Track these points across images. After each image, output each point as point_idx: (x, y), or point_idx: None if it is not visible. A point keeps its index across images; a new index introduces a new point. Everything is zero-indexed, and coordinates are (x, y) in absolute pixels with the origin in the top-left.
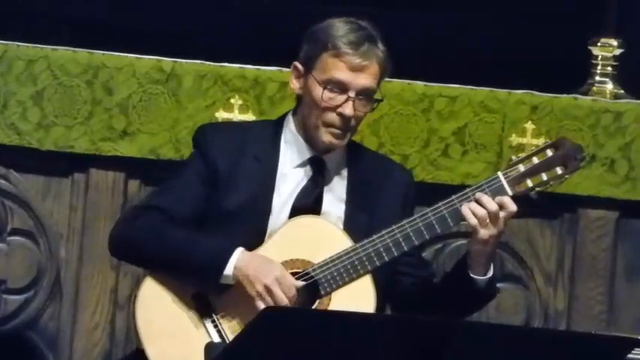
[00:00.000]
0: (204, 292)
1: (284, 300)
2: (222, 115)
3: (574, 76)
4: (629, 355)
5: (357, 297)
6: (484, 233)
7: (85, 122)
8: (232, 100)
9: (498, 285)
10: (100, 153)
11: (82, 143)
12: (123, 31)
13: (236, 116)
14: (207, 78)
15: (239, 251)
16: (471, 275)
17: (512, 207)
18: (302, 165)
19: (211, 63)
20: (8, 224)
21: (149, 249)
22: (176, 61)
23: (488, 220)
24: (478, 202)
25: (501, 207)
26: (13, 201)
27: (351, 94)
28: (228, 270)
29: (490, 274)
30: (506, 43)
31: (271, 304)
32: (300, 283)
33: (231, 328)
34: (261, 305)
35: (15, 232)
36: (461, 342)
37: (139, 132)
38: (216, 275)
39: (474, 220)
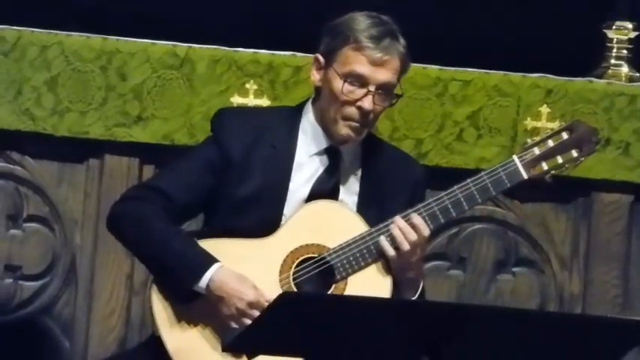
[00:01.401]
0: None
1: None
2: (237, 100)
3: (589, 59)
4: None
5: (373, 281)
6: (403, 261)
7: (99, 108)
8: (247, 85)
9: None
10: (115, 139)
11: (96, 129)
12: (136, 17)
13: (251, 101)
14: (221, 63)
15: (216, 266)
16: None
17: (426, 231)
18: (318, 154)
19: (225, 48)
20: (24, 211)
21: (134, 236)
22: (190, 46)
23: (408, 251)
24: (409, 227)
25: (417, 232)
26: (28, 187)
27: (371, 88)
28: (203, 283)
29: (417, 295)
30: (520, 26)
31: (244, 325)
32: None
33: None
34: (234, 326)
35: (30, 218)
36: (476, 326)
37: (153, 117)
38: (188, 285)
39: (392, 252)
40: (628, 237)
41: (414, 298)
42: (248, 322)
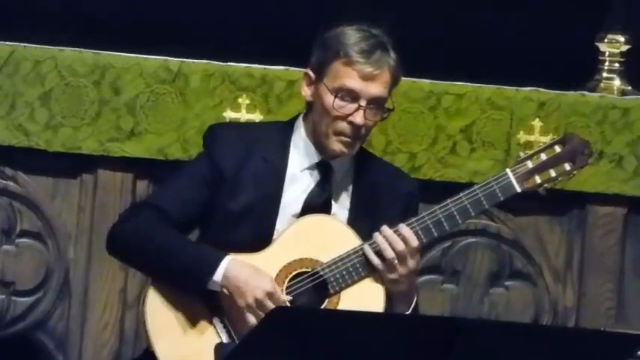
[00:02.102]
0: (214, 292)
1: None
2: (229, 114)
3: (581, 72)
4: (639, 352)
5: (367, 296)
6: (391, 272)
7: (92, 123)
8: (240, 100)
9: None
10: (108, 154)
11: (89, 144)
12: (129, 31)
13: (244, 115)
14: (214, 77)
15: (228, 259)
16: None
17: (414, 242)
18: (310, 168)
19: (218, 62)
20: (17, 226)
21: (139, 250)
22: (183, 61)
23: (396, 262)
24: (396, 238)
25: (405, 243)
26: (21, 202)
27: (362, 102)
28: (217, 276)
29: (410, 309)
30: (513, 39)
31: (260, 318)
32: (288, 297)
33: (240, 328)
34: (250, 318)
35: (24, 233)
36: (470, 340)
37: (147, 132)
38: (204, 281)
39: (376, 261)
40: (622, 249)
41: (407, 313)
42: (262, 314)
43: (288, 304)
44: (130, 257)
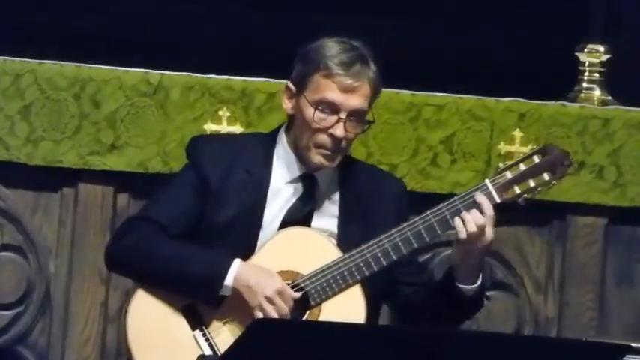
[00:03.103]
0: (195, 305)
1: (285, 312)
2: (210, 127)
3: (561, 82)
4: None
5: (348, 307)
6: (473, 245)
7: (72, 136)
8: (220, 112)
9: (488, 293)
10: (89, 167)
11: (70, 158)
12: (109, 44)
13: (224, 128)
14: (194, 90)
15: (238, 262)
16: (459, 285)
17: (490, 211)
18: (293, 182)
19: (198, 75)
20: None
21: (144, 262)
22: (163, 73)
23: (478, 232)
24: (476, 209)
25: (481, 212)
26: (2, 216)
27: (342, 115)
28: (229, 280)
29: (479, 282)
30: (492, 50)
31: (273, 315)
32: (297, 294)
33: (222, 341)
34: (261, 316)
35: (4, 247)
36: (451, 351)
37: (127, 145)
38: (217, 286)
39: (463, 234)
40: (603, 260)
41: (475, 285)
42: (274, 311)
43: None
44: (134, 271)
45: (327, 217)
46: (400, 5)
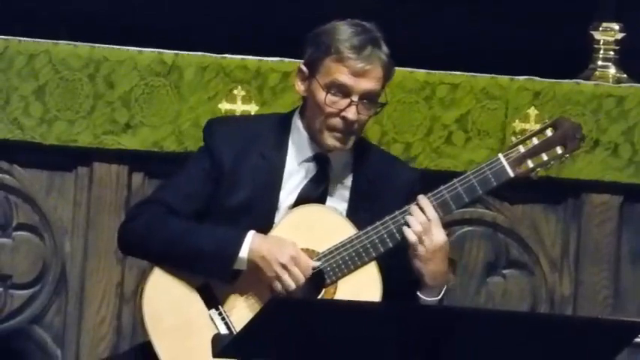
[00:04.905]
0: (210, 284)
1: (301, 279)
2: (224, 106)
3: (576, 61)
4: (636, 339)
5: (364, 285)
6: (421, 249)
7: (87, 116)
8: (235, 91)
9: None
10: (103, 147)
11: (84, 137)
12: (124, 25)
13: (239, 107)
14: (209, 70)
15: (252, 233)
16: (418, 294)
17: (432, 213)
18: (307, 161)
19: (213, 54)
20: (13, 219)
21: (156, 242)
22: (177, 54)
23: (424, 230)
24: (418, 209)
25: (423, 211)
26: (17, 196)
27: (354, 98)
28: (243, 253)
29: (439, 297)
30: (507, 28)
31: (289, 283)
32: (316, 263)
33: (237, 319)
34: (278, 285)
35: (20, 227)
36: (467, 329)
37: (142, 125)
38: (232, 259)
39: (412, 237)
40: (618, 238)
41: (437, 299)
42: (289, 280)
43: (314, 269)
44: (146, 251)
45: (339, 199)
46: None
